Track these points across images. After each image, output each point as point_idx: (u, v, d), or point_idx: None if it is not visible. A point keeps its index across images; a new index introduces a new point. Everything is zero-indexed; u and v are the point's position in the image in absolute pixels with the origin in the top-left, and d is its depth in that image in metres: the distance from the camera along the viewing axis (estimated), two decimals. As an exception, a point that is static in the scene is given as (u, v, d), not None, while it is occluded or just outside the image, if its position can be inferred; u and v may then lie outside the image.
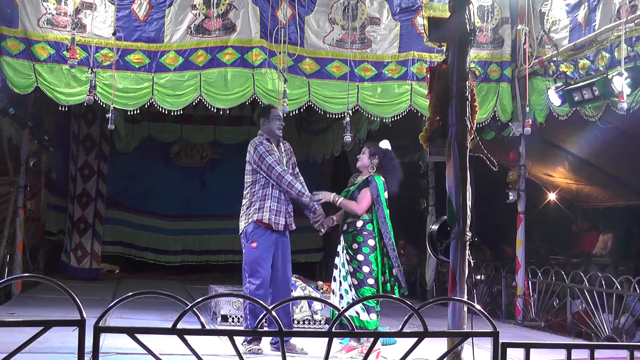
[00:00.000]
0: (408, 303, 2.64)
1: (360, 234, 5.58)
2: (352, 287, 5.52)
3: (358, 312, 5.45)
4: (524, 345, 2.74)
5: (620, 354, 3.02)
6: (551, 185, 11.94)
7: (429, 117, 4.17)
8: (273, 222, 5.49)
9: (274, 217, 5.50)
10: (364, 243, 5.56)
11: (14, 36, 7.13)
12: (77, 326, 2.40)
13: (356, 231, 5.60)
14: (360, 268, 5.51)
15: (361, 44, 7.88)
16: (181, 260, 13.72)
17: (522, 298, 8.49)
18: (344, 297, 5.55)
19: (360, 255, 5.53)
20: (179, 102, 7.47)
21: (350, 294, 5.51)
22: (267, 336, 5.05)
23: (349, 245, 5.61)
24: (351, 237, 5.61)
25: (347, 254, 5.61)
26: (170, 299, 2.48)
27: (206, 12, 7.48)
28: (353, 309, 5.42)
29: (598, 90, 6.80)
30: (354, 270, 5.54)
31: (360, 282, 5.50)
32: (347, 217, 5.70)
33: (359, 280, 5.50)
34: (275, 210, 5.52)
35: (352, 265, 5.55)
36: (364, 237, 5.56)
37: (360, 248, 5.56)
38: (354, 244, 5.59)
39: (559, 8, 7.77)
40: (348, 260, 5.59)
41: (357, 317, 5.45)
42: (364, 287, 5.49)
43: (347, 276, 5.60)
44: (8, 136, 9.06)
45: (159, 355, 2.43)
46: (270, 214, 5.50)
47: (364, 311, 5.46)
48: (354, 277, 5.52)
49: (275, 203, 5.53)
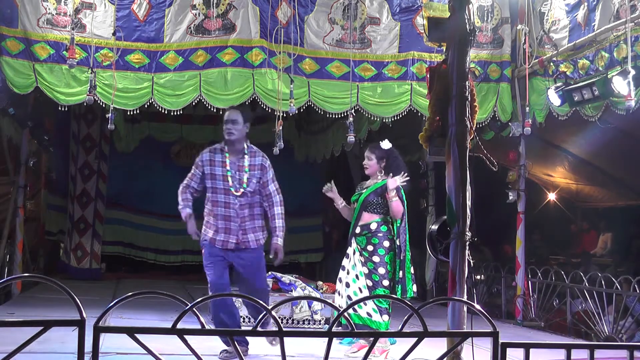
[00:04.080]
0: (408, 303, 2.64)
1: (375, 236, 5.59)
2: (365, 288, 5.52)
3: (370, 313, 5.46)
4: (524, 345, 2.74)
5: (620, 354, 3.02)
6: (551, 185, 11.95)
7: (428, 117, 4.17)
8: (216, 241, 5.19)
9: (217, 236, 5.17)
10: (380, 245, 5.58)
11: (14, 36, 7.13)
12: (77, 326, 2.40)
13: (370, 233, 5.61)
14: (376, 270, 5.53)
15: (361, 44, 7.88)
16: (181, 260, 13.71)
17: (522, 298, 8.49)
18: (353, 299, 5.54)
19: (376, 257, 5.55)
20: (179, 102, 7.48)
21: (361, 295, 5.49)
22: (267, 336, 5.04)
23: (363, 247, 5.61)
24: (365, 240, 5.62)
25: (360, 255, 5.61)
26: (170, 299, 2.48)
27: (206, 12, 7.48)
28: (365, 310, 5.45)
29: (598, 90, 6.80)
30: (369, 272, 5.54)
31: (375, 283, 5.51)
32: (359, 219, 5.69)
33: (374, 281, 5.51)
34: (220, 228, 5.16)
35: (367, 266, 5.56)
36: (379, 239, 5.58)
37: (375, 250, 5.57)
38: (368, 246, 5.59)
39: (559, 8, 7.77)
40: (362, 262, 5.58)
41: (370, 318, 5.47)
42: (379, 288, 5.51)
43: (359, 278, 5.58)
44: (8, 136, 9.06)
45: (159, 355, 2.43)
46: (214, 233, 5.18)
47: (377, 312, 5.47)
48: (369, 278, 5.53)
49: (221, 221, 5.15)
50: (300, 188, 13.68)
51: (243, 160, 5.21)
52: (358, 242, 5.65)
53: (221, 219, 5.15)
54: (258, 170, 5.25)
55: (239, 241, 5.16)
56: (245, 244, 5.19)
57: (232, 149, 5.21)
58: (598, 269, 9.22)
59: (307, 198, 13.70)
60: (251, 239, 5.21)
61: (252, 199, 5.22)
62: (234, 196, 5.14)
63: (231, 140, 5.16)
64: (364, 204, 5.67)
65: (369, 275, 5.52)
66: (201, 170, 5.21)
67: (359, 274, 5.59)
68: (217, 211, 5.16)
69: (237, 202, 5.15)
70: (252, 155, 5.26)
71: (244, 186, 5.16)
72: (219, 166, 5.18)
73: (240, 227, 5.17)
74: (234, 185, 5.14)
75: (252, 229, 5.22)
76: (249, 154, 5.25)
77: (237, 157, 5.22)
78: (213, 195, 5.18)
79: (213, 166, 5.18)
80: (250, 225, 5.22)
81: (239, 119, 5.19)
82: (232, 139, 5.15)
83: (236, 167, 5.19)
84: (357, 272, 5.60)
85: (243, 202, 5.17)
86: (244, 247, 5.19)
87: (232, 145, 5.20)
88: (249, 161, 5.22)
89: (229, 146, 5.21)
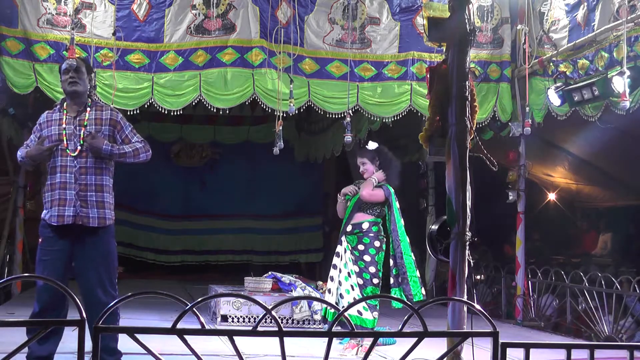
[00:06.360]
0: (408, 303, 2.64)
1: (367, 236, 5.66)
2: (356, 287, 5.58)
3: (361, 311, 5.51)
4: (524, 345, 2.74)
5: (620, 354, 3.02)
6: (551, 185, 11.94)
7: (428, 117, 4.17)
8: (50, 217, 4.23)
9: (51, 211, 4.23)
10: (371, 244, 5.65)
11: (14, 36, 7.12)
12: (77, 326, 2.40)
13: (362, 233, 5.68)
14: (366, 268, 5.61)
15: (361, 44, 7.88)
16: (181, 260, 13.71)
17: (522, 298, 8.49)
18: (344, 297, 5.60)
19: (367, 256, 5.62)
20: (179, 102, 7.47)
21: (353, 293, 5.56)
22: (266, 336, 5.04)
23: (354, 246, 5.67)
24: (356, 239, 5.68)
25: (351, 254, 5.66)
26: (170, 299, 2.48)
27: (206, 12, 7.48)
28: (355, 308, 5.48)
29: (598, 90, 6.80)
30: (359, 270, 5.61)
31: (366, 281, 5.60)
32: (352, 218, 5.74)
33: (365, 280, 5.60)
34: (55, 200, 4.21)
35: (357, 265, 5.63)
36: (370, 239, 5.65)
37: (366, 249, 5.63)
38: (359, 245, 5.66)
39: (559, 8, 7.77)
40: (353, 260, 5.65)
41: (360, 316, 5.51)
42: (369, 286, 5.61)
43: (350, 276, 5.64)
44: (8, 136, 9.06)
45: (159, 355, 2.43)
46: (48, 210, 4.24)
47: (367, 310, 5.54)
48: (360, 276, 5.60)
49: (56, 191, 4.22)
50: (300, 188, 13.71)
51: (84, 114, 4.32)
52: (349, 241, 5.72)
53: (57, 187, 4.22)
54: (107, 126, 4.33)
55: (78, 215, 4.19)
56: (83, 220, 4.19)
57: (72, 103, 4.35)
58: (598, 269, 9.22)
59: (307, 198, 13.71)
60: (92, 214, 4.22)
61: (97, 161, 4.28)
62: (71, 158, 4.22)
63: (76, 91, 4.31)
64: (357, 203, 5.73)
65: (360, 274, 5.61)
66: (37, 135, 4.35)
67: (350, 272, 5.65)
68: (54, 179, 4.24)
69: (76, 165, 4.23)
70: (98, 109, 4.37)
71: (80, 142, 4.23)
72: (54, 125, 4.31)
73: (79, 196, 4.20)
74: (70, 144, 4.24)
75: (95, 203, 4.25)
76: (94, 108, 4.37)
77: (77, 112, 4.33)
78: (51, 161, 4.26)
79: (49, 126, 4.32)
80: (94, 198, 4.25)
81: (83, 68, 4.38)
82: (78, 90, 4.31)
83: (75, 122, 4.30)
84: (349, 270, 5.66)
85: (83, 164, 4.24)
86: (83, 225, 4.20)
87: (74, 99, 4.34)
88: (92, 115, 4.33)
89: (70, 99, 4.35)
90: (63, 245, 4.22)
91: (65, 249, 4.23)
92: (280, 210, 13.89)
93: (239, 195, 13.55)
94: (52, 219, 4.20)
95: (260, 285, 7.40)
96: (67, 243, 4.23)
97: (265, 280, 7.48)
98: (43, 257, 4.24)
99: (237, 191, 13.56)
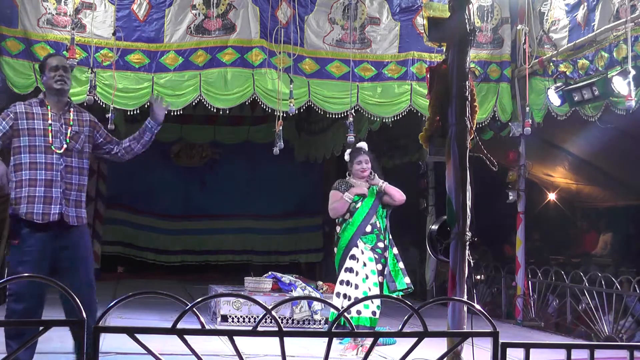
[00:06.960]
0: (408, 303, 2.64)
1: (383, 234, 5.79)
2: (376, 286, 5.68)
3: (375, 312, 5.63)
4: (524, 345, 2.74)
5: (620, 354, 3.02)
6: (551, 185, 11.94)
7: (428, 117, 4.17)
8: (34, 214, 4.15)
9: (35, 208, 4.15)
10: (391, 242, 5.88)
11: (14, 36, 7.12)
12: (77, 326, 2.40)
13: (379, 231, 5.78)
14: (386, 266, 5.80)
15: (361, 44, 7.88)
16: (181, 260, 13.72)
17: (522, 298, 8.49)
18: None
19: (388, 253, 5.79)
20: (179, 102, 7.47)
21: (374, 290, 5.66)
22: (266, 336, 5.03)
23: (373, 246, 5.76)
24: (375, 238, 5.78)
25: (374, 253, 5.74)
26: (170, 299, 2.48)
27: (206, 12, 7.48)
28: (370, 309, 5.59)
29: (598, 90, 6.80)
30: (382, 267, 5.74)
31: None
32: (370, 218, 5.82)
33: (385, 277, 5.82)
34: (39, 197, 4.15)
35: (380, 263, 5.74)
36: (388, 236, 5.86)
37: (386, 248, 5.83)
38: (379, 243, 5.78)
39: (559, 8, 7.77)
40: (376, 259, 5.72)
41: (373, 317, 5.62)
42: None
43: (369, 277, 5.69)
44: (8, 136, 9.05)
45: (159, 355, 2.43)
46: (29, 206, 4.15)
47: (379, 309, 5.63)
48: (381, 275, 5.76)
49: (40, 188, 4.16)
50: (300, 188, 13.71)
51: (68, 113, 4.34)
52: (366, 241, 5.76)
53: (41, 184, 4.16)
54: (87, 127, 4.39)
55: (62, 213, 4.18)
56: (66, 218, 4.20)
57: (56, 101, 4.33)
58: (598, 269, 9.22)
59: (307, 198, 13.71)
60: (72, 213, 4.23)
61: (80, 162, 4.32)
62: (57, 155, 4.21)
63: (64, 89, 4.32)
64: (375, 204, 5.82)
65: (382, 272, 5.71)
66: (10, 124, 4.21)
67: (369, 273, 5.67)
68: (34, 175, 4.17)
69: (62, 163, 4.23)
70: (79, 111, 4.43)
71: (66, 141, 4.25)
72: (38, 119, 4.24)
73: (64, 194, 4.21)
74: (55, 142, 4.22)
75: (75, 202, 4.27)
76: (75, 108, 4.41)
77: (62, 110, 4.33)
78: (31, 156, 4.18)
79: (31, 119, 4.24)
80: (75, 197, 4.27)
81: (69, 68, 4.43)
82: (66, 89, 4.34)
83: (61, 120, 4.29)
84: (368, 271, 5.68)
85: (69, 163, 4.26)
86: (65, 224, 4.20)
87: (59, 96, 4.33)
88: (75, 115, 4.36)
89: (57, 96, 4.33)
90: (45, 244, 4.16)
91: (47, 248, 4.17)
92: (280, 210, 13.90)
93: (239, 195, 13.56)
94: (35, 216, 4.13)
95: (260, 285, 7.40)
96: (48, 242, 4.17)
97: (265, 280, 7.48)
98: (25, 257, 4.15)
99: (237, 191, 13.57)
